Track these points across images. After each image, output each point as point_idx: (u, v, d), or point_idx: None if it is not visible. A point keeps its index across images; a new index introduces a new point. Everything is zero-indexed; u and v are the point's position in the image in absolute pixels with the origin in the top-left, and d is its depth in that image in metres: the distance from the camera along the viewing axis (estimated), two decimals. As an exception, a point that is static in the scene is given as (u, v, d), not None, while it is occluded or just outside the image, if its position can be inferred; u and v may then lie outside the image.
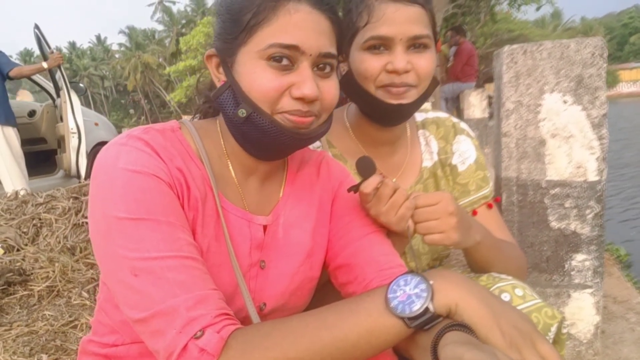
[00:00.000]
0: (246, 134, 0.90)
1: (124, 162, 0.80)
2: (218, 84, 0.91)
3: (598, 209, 1.86)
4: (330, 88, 0.90)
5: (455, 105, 9.30)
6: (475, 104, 7.62)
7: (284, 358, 0.72)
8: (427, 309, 0.72)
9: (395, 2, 1.15)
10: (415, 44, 1.18)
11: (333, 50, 0.89)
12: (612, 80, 52.12)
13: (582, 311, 1.94)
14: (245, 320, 0.89)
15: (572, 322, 1.96)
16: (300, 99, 0.85)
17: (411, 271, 0.77)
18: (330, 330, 0.74)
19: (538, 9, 20.39)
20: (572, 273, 1.92)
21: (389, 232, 1.08)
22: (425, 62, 1.19)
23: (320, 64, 0.88)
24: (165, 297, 0.73)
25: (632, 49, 74.80)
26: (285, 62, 0.84)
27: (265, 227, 0.99)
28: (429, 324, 0.73)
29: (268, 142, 0.89)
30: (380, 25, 1.16)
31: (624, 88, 53.11)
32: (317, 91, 0.85)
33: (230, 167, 0.97)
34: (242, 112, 0.85)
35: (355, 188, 1.02)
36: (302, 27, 0.83)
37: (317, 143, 1.36)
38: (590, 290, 1.92)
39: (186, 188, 0.86)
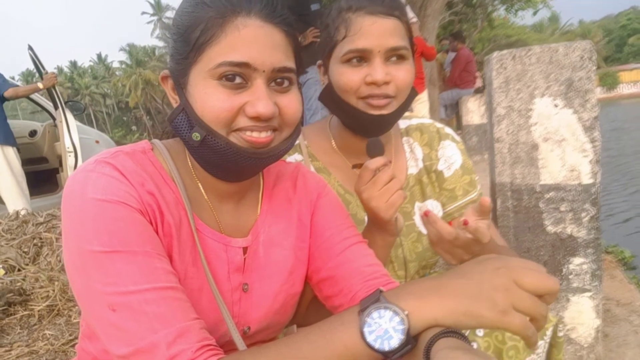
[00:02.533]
0: (204, 157, 0.87)
1: (92, 191, 0.77)
2: (175, 106, 0.88)
3: (593, 212, 1.85)
4: (291, 102, 0.87)
5: (454, 112, 9.32)
6: (474, 109, 7.66)
7: None
8: (406, 342, 0.70)
9: (372, 15, 1.17)
10: (393, 56, 1.19)
11: (289, 63, 0.86)
12: (612, 82, 52.19)
13: (581, 315, 1.93)
14: (228, 345, 0.88)
15: (572, 326, 1.95)
16: (256, 118, 0.82)
17: (380, 292, 0.75)
18: None
19: (535, 13, 20.51)
20: (570, 277, 1.91)
21: (374, 241, 1.11)
22: (404, 73, 1.20)
23: (277, 79, 0.85)
24: (145, 333, 0.72)
25: (631, 50, 74.85)
26: (238, 80, 0.81)
27: (245, 249, 0.97)
28: (409, 351, 0.71)
29: (227, 164, 0.86)
30: (358, 38, 1.17)
31: (624, 89, 53.08)
32: (273, 108, 0.82)
33: (202, 189, 0.94)
34: (196, 136, 0.82)
35: (359, 165, 1.11)
36: (252, 43, 0.80)
37: (299, 156, 1.37)
38: (589, 294, 1.91)
39: (159, 213, 0.83)
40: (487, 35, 21.29)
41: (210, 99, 0.81)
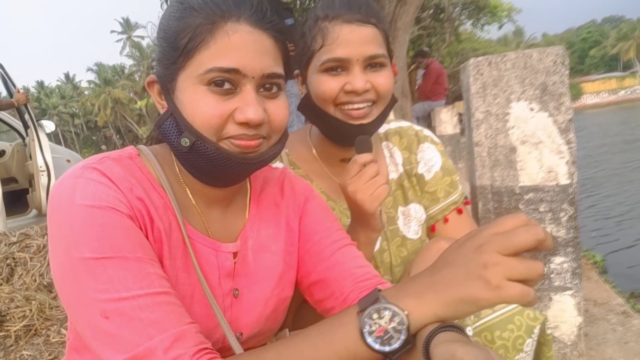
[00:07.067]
0: (193, 162, 0.86)
1: (80, 197, 0.76)
2: (161, 112, 0.87)
3: (572, 212, 1.90)
4: (279, 108, 0.87)
5: (427, 123, 9.44)
6: (447, 120, 7.79)
7: None
8: (407, 341, 0.70)
9: (349, 23, 1.17)
10: (371, 64, 1.20)
11: (278, 69, 0.85)
12: (576, 93, 53.60)
13: (564, 313, 1.97)
14: (223, 351, 0.87)
15: (555, 324, 1.98)
16: (245, 124, 0.81)
17: (378, 292, 0.75)
18: None
19: (500, 27, 21.06)
20: (552, 276, 1.96)
21: (357, 239, 1.13)
22: (384, 80, 1.21)
23: (266, 85, 0.85)
24: (140, 340, 0.71)
25: (593, 62, 77.49)
26: (227, 86, 0.80)
27: (235, 254, 0.96)
28: (409, 350, 0.71)
29: (216, 169, 0.85)
30: (335, 47, 1.17)
31: (588, 100, 54.55)
32: (263, 114, 0.82)
33: (190, 195, 0.93)
34: (185, 142, 0.81)
35: (348, 159, 1.15)
36: (241, 49, 0.80)
37: (280, 164, 1.36)
38: (570, 292, 1.96)
39: (149, 219, 0.82)
40: (454, 49, 21.76)
41: (200, 105, 0.80)
